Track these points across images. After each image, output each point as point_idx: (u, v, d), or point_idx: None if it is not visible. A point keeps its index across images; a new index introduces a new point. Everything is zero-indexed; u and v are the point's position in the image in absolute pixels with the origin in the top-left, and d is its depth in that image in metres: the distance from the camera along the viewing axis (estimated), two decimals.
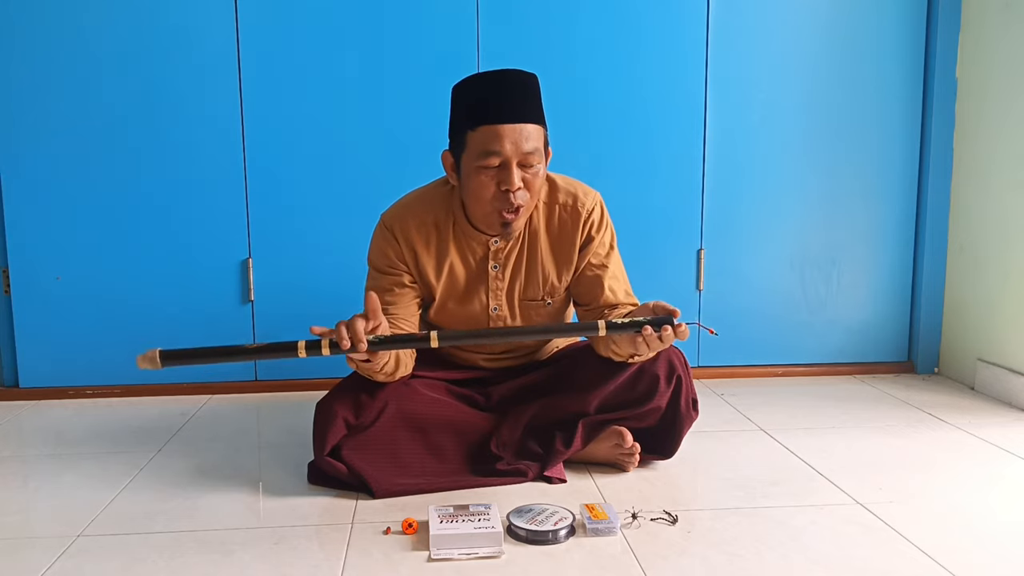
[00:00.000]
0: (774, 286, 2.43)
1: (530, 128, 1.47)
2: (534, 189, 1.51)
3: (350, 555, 1.27)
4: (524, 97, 1.48)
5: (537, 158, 1.48)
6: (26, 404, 2.19)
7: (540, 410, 1.63)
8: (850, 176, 2.41)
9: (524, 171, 1.48)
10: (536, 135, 1.48)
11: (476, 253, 1.62)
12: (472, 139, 1.47)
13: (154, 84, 2.18)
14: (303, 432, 1.79)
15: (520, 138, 1.45)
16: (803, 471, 1.64)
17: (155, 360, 1.31)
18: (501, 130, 1.45)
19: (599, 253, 1.63)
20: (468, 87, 1.52)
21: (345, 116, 2.24)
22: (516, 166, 1.46)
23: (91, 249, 2.22)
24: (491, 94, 1.48)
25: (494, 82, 1.49)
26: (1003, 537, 1.33)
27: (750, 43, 2.34)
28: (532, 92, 1.51)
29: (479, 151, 1.46)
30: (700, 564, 1.24)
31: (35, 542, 1.34)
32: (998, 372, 2.17)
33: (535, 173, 1.49)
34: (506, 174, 1.46)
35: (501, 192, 1.48)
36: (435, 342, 1.37)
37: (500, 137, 1.45)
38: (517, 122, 1.45)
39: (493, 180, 1.48)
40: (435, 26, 2.23)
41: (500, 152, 1.45)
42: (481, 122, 1.46)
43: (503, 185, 1.47)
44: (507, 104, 1.46)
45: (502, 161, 1.46)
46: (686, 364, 1.64)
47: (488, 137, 1.45)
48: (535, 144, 1.47)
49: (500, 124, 1.45)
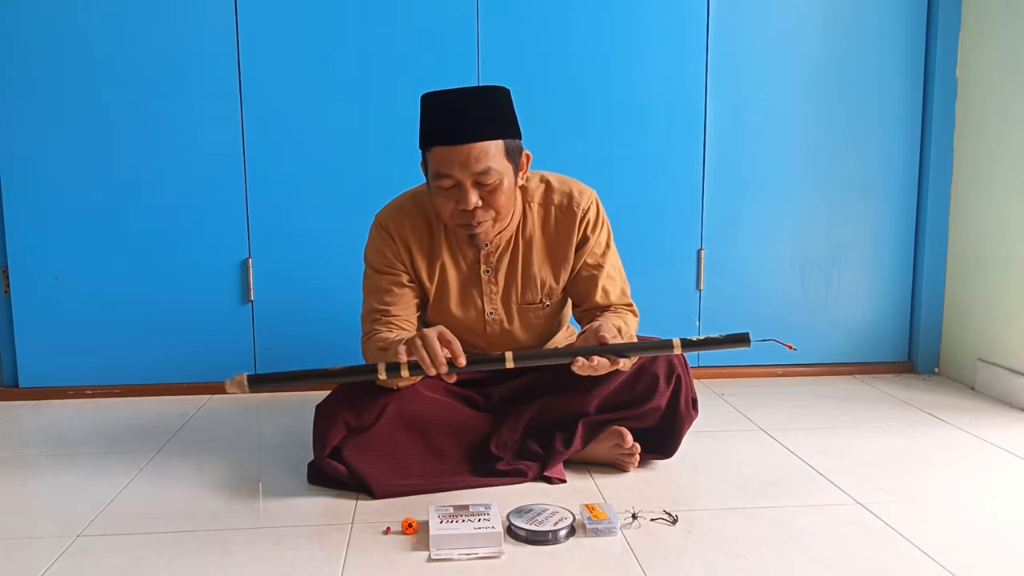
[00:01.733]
0: (774, 286, 2.43)
1: (482, 146, 1.44)
2: (497, 204, 1.49)
3: (350, 555, 1.27)
4: (478, 115, 1.45)
5: (494, 176, 1.46)
6: (26, 404, 2.19)
7: (540, 410, 1.63)
8: (850, 176, 2.41)
9: (481, 189, 1.46)
10: (493, 152, 1.45)
11: (468, 257, 1.62)
12: (429, 159, 1.48)
13: (154, 84, 2.18)
14: (303, 432, 1.79)
15: (470, 159, 1.43)
16: (803, 471, 1.64)
17: (243, 385, 1.37)
18: (450, 152, 1.44)
19: (595, 252, 1.63)
20: (425, 105, 1.50)
21: (345, 116, 2.24)
22: (472, 186, 1.45)
23: (91, 249, 2.22)
24: (441, 115, 1.46)
25: (446, 102, 1.47)
26: (1003, 537, 1.33)
27: (750, 43, 2.34)
28: (489, 108, 1.47)
29: (434, 172, 1.47)
30: (700, 564, 1.23)
31: (35, 542, 1.34)
32: (998, 372, 2.17)
33: (494, 189, 1.47)
34: (461, 194, 1.46)
35: (459, 210, 1.48)
36: (510, 363, 1.39)
37: (449, 160, 1.44)
38: (467, 142, 1.43)
39: (451, 199, 1.47)
40: (435, 27, 2.23)
41: (450, 174, 1.45)
42: (433, 143, 1.46)
43: (460, 204, 1.47)
44: (455, 126, 1.44)
45: (454, 183, 1.46)
46: (686, 364, 1.64)
47: (439, 159, 1.45)
48: (489, 163, 1.44)
49: (448, 146, 1.44)
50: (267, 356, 2.30)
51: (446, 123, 1.45)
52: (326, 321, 2.29)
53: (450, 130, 1.44)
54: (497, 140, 1.46)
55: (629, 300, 1.66)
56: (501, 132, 1.47)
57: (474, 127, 1.44)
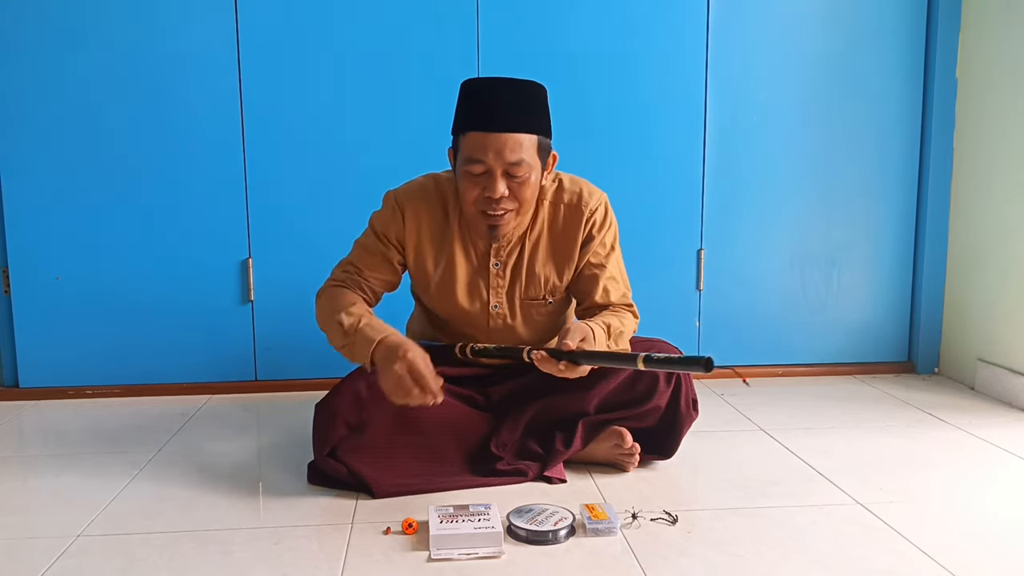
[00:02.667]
0: (774, 286, 2.43)
1: (518, 138, 1.46)
2: (523, 197, 1.51)
3: (350, 555, 1.27)
4: (518, 106, 1.48)
5: (525, 169, 1.47)
6: (26, 404, 2.19)
7: (540, 410, 1.63)
8: (850, 176, 2.41)
9: (510, 180, 1.48)
10: (526, 145, 1.47)
11: (478, 248, 1.63)
12: (462, 143, 1.49)
13: (154, 85, 2.18)
14: (303, 432, 1.79)
15: (505, 148, 1.45)
16: (803, 471, 1.64)
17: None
18: (486, 139, 1.45)
19: (599, 253, 1.63)
20: (467, 90, 1.52)
21: (345, 116, 2.24)
22: (501, 175, 1.47)
23: (91, 249, 2.22)
24: (483, 101, 1.48)
25: (489, 89, 1.49)
26: (1003, 537, 1.33)
27: (750, 43, 2.34)
28: (529, 102, 1.50)
29: (466, 156, 1.48)
30: (700, 564, 1.23)
31: (35, 542, 1.34)
32: (998, 372, 2.17)
33: (522, 182, 1.49)
34: (490, 181, 1.47)
35: (484, 197, 1.49)
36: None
37: (484, 146, 1.45)
38: (504, 131, 1.45)
39: (478, 185, 1.49)
40: (435, 27, 2.23)
41: (483, 160, 1.46)
42: (469, 128, 1.47)
43: (486, 192, 1.48)
44: (497, 113, 1.46)
45: (485, 169, 1.47)
46: None
47: (474, 144, 1.46)
48: (522, 155, 1.46)
49: (486, 132, 1.45)
50: (267, 356, 2.30)
51: (486, 110, 1.46)
52: None
53: (490, 117, 1.46)
54: (532, 135, 1.48)
55: (630, 302, 1.66)
56: (537, 128, 1.50)
57: (513, 117, 1.46)
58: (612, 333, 1.52)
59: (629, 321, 1.61)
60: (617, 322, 1.55)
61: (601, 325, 1.51)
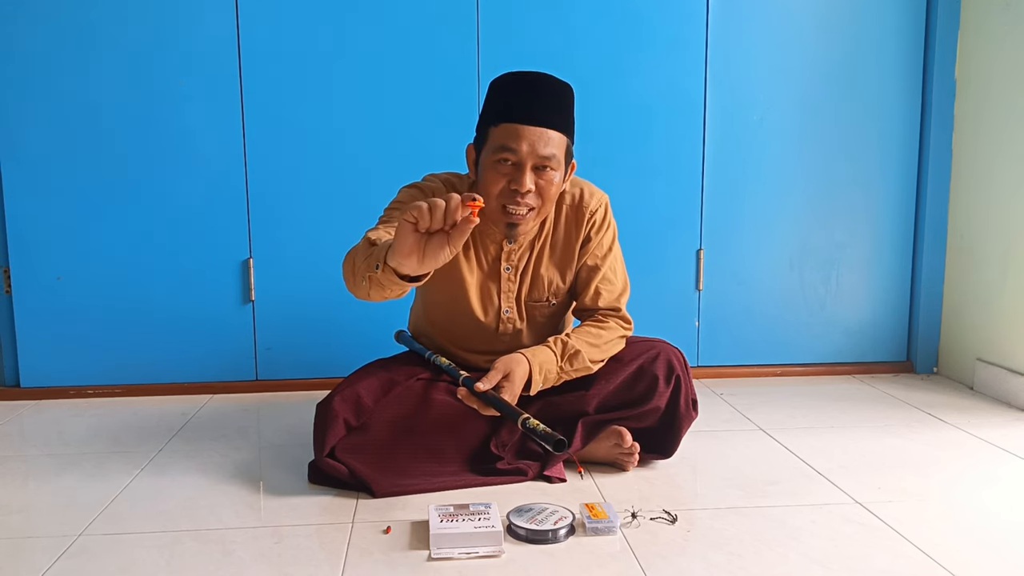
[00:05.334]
0: (773, 286, 2.44)
1: (551, 134, 1.47)
2: (547, 195, 1.51)
3: (350, 555, 1.27)
4: (553, 104, 1.49)
5: (554, 164, 1.49)
6: (27, 404, 2.20)
7: (540, 410, 1.63)
8: (849, 176, 2.42)
9: (538, 175, 1.49)
10: (557, 142, 1.49)
11: (489, 253, 1.63)
12: (493, 134, 1.49)
13: (155, 85, 2.18)
14: (303, 432, 1.79)
15: (538, 141, 1.46)
16: (802, 471, 1.64)
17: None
18: (520, 130, 1.46)
19: (596, 254, 1.64)
20: (502, 84, 1.53)
21: (345, 117, 2.24)
22: (530, 169, 1.47)
23: (92, 249, 2.22)
24: (520, 94, 1.49)
25: (526, 83, 1.51)
26: (1002, 536, 1.33)
27: (750, 43, 2.34)
28: (562, 101, 1.52)
29: (496, 145, 1.48)
30: (700, 563, 1.24)
31: (35, 542, 1.34)
32: (997, 372, 2.17)
33: (549, 180, 1.50)
34: (518, 174, 1.48)
35: (510, 190, 1.49)
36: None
37: (518, 136, 1.46)
38: (539, 126, 1.46)
39: (505, 177, 1.49)
40: (435, 28, 2.23)
41: (516, 150, 1.46)
42: (504, 119, 1.48)
43: (513, 184, 1.48)
44: (534, 107, 1.47)
45: (516, 160, 1.47)
46: (686, 364, 1.65)
47: (507, 134, 1.47)
48: (553, 150, 1.48)
49: (521, 124, 1.46)
50: (268, 356, 2.31)
51: (527, 103, 1.47)
52: (327, 321, 2.29)
53: (530, 110, 1.47)
54: (564, 135, 1.50)
55: (621, 306, 1.66)
56: (567, 129, 1.52)
57: (552, 113, 1.48)
58: (566, 353, 1.54)
59: (609, 332, 1.61)
60: (583, 340, 1.56)
61: (553, 348, 1.53)
